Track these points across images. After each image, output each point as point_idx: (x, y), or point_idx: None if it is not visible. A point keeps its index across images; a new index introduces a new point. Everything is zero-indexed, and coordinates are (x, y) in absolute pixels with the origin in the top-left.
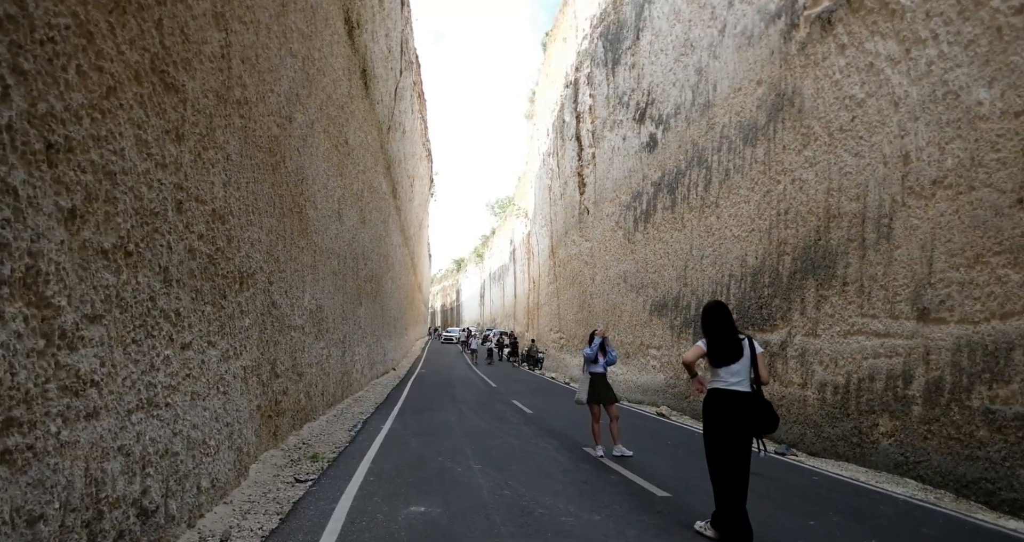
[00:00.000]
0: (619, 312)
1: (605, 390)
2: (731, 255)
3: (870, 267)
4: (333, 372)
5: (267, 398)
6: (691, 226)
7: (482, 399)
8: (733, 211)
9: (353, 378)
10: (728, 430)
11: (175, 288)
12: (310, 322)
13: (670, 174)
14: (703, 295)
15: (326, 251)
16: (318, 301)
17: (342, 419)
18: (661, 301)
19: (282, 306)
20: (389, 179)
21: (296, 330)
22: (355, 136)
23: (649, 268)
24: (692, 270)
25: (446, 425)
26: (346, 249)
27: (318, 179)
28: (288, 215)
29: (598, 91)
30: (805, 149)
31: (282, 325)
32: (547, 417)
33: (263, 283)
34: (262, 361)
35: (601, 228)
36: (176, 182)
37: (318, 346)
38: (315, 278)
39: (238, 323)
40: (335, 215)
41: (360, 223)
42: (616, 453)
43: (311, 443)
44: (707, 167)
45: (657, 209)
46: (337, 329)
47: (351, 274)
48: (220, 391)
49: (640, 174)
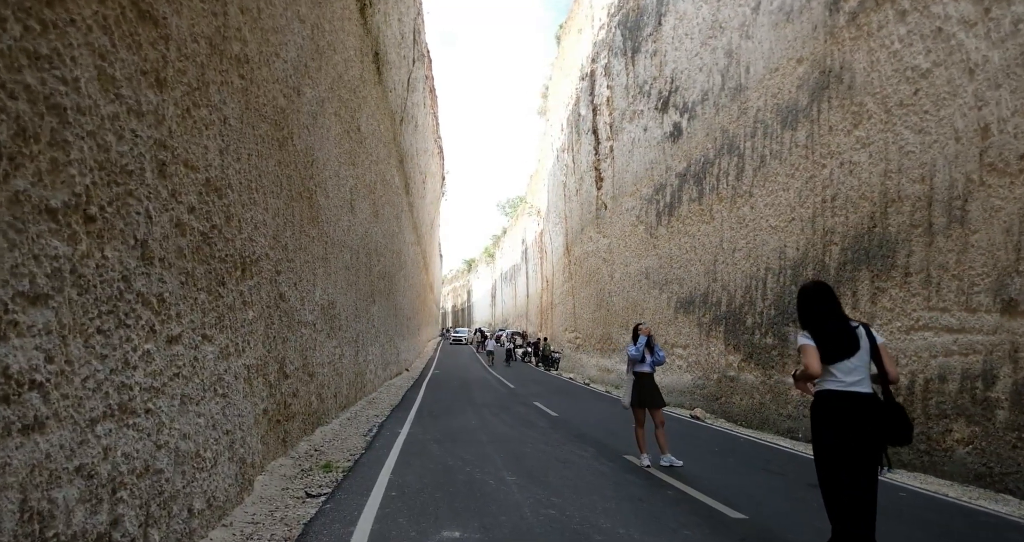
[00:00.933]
0: (640, 310)
1: (652, 393)
2: (767, 247)
3: (939, 255)
4: (346, 373)
5: (275, 401)
6: (721, 218)
7: (502, 401)
8: (770, 200)
9: (367, 379)
10: (849, 442)
11: (157, 268)
12: (322, 319)
13: (697, 164)
14: (735, 291)
15: (338, 243)
16: (330, 296)
17: (356, 423)
18: (687, 298)
19: (291, 299)
20: (402, 173)
21: (307, 327)
22: (368, 124)
23: (674, 263)
24: (722, 264)
25: (468, 429)
26: (359, 243)
27: (329, 164)
28: (297, 200)
29: (616, 82)
30: (856, 129)
31: (291, 321)
32: (575, 420)
33: (269, 272)
34: (269, 360)
35: (620, 223)
36: (158, 138)
37: (330, 345)
38: (327, 272)
39: (240, 315)
40: (347, 206)
41: (373, 217)
42: (664, 463)
43: (324, 450)
44: (739, 154)
45: (682, 201)
46: (350, 327)
47: (364, 270)
48: (218, 393)
49: (663, 165)
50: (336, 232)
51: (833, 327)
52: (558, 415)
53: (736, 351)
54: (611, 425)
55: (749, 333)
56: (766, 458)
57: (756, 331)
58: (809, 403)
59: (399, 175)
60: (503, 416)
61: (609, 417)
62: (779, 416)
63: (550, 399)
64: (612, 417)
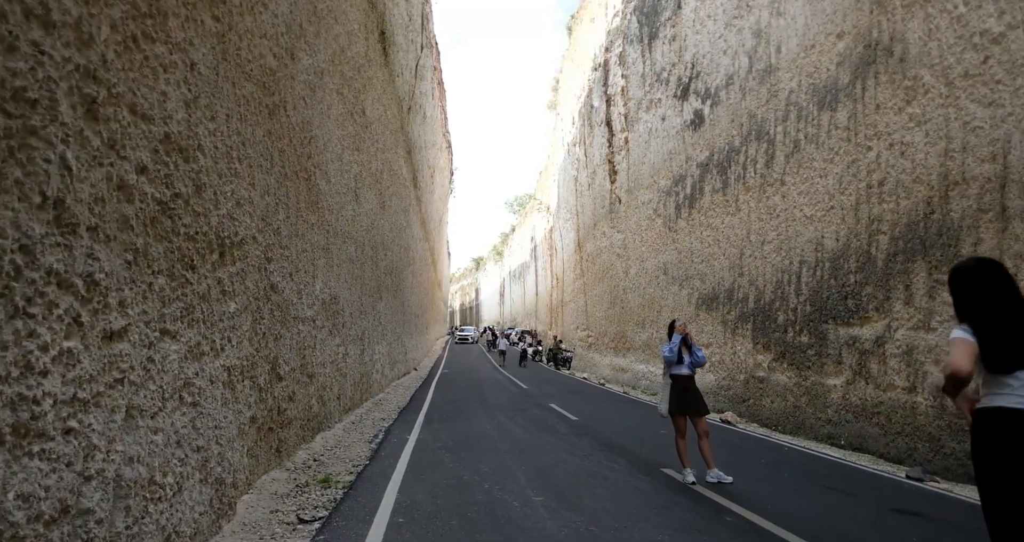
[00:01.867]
0: (658, 307)
1: (693, 398)
2: (801, 238)
3: (1015, 243)
4: (351, 373)
5: (266, 407)
6: (748, 208)
7: (516, 403)
8: (805, 188)
9: (373, 379)
10: None
11: (86, 240)
12: (323, 314)
13: (720, 152)
14: (764, 286)
15: (341, 234)
16: (332, 291)
17: (361, 427)
18: (710, 294)
19: (285, 291)
20: (410, 165)
21: (305, 323)
22: (373, 108)
23: (695, 258)
24: (750, 258)
25: (483, 436)
26: (364, 236)
27: (331, 146)
28: (292, 180)
29: (632, 70)
30: (909, 105)
31: (286, 315)
32: (597, 425)
33: (257, 258)
34: (257, 360)
35: (636, 217)
36: (83, 65)
37: (333, 343)
38: (329, 264)
39: (218, 307)
40: (351, 194)
41: (379, 208)
42: (711, 479)
43: (324, 459)
44: (769, 140)
45: (704, 192)
46: (355, 324)
47: (370, 264)
48: (185, 402)
49: (683, 156)
50: (339, 221)
51: (1012, 324)
52: (578, 419)
53: (766, 350)
54: (637, 430)
55: (781, 331)
56: (823, 472)
57: (789, 329)
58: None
59: (407, 167)
60: (519, 419)
61: (633, 421)
62: (817, 421)
63: (566, 401)
64: (636, 421)
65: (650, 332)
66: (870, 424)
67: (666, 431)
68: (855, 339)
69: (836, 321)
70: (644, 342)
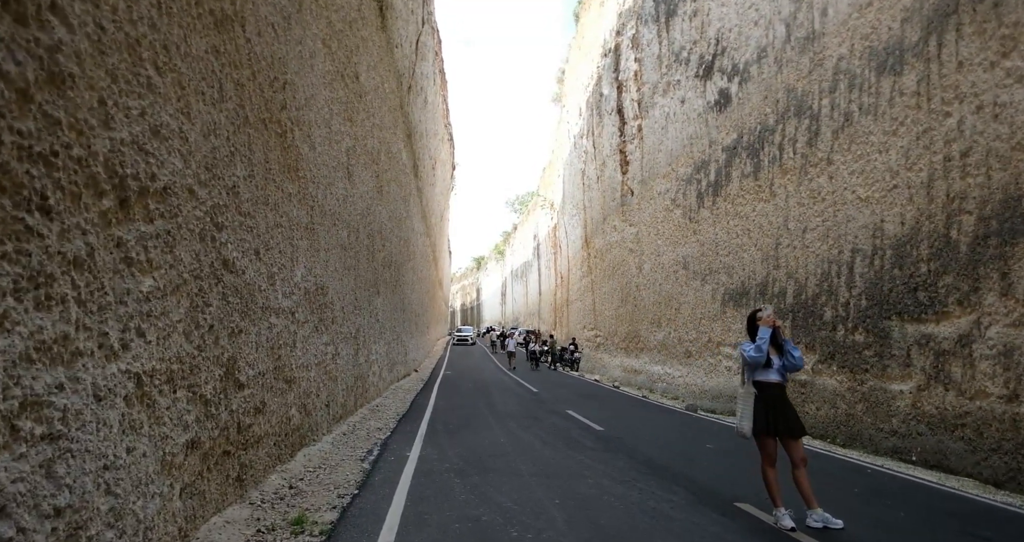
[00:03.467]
0: (676, 304)
1: (786, 414)
2: (854, 224)
3: None
4: (342, 376)
5: (217, 425)
6: (785, 193)
7: (528, 409)
8: (859, 166)
9: (369, 383)
10: None
11: None
12: (306, 306)
13: (751, 133)
14: (806, 279)
15: (331, 214)
16: (319, 279)
17: (353, 440)
18: (739, 289)
19: (248, 272)
20: (410, 151)
21: (281, 316)
22: (369, 77)
23: (720, 250)
24: (788, 248)
25: (498, 452)
26: (359, 221)
27: (316, 105)
28: (259, 128)
29: (646, 53)
30: (1006, 58)
31: (250, 304)
32: (627, 437)
33: (197, 221)
34: (200, 362)
35: (651, 209)
36: None
37: (319, 341)
38: (314, 247)
39: (116, 282)
40: (343, 170)
41: (376, 193)
42: (814, 523)
43: (302, 487)
44: (812, 116)
45: (732, 178)
46: (348, 321)
47: (365, 253)
48: (29, 436)
49: (705, 140)
50: (329, 200)
51: None
52: (603, 430)
53: (809, 351)
54: (678, 444)
55: (828, 329)
56: (942, 507)
57: (839, 326)
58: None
59: (407, 152)
60: (536, 430)
61: (667, 432)
62: (878, 432)
63: (584, 407)
64: (671, 432)
65: (667, 331)
66: (951, 438)
67: (713, 445)
68: (929, 338)
69: (902, 317)
70: (660, 342)
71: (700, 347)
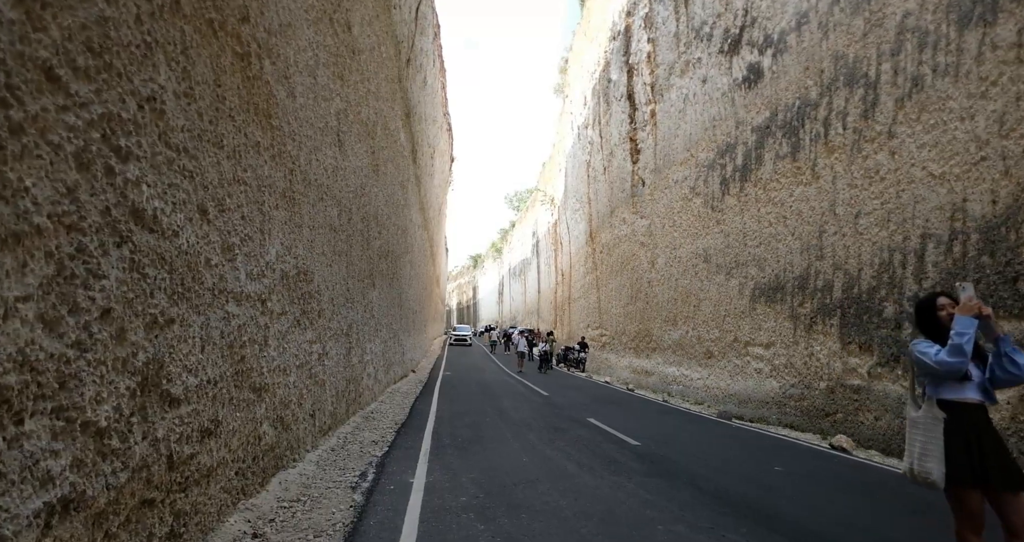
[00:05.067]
0: (695, 301)
1: (996, 452)
2: (925, 205)
3: None
4: (331, 380)
5: (120, 466)
6: (832, 174)
7: (544, 417)
8: (932, 138)
9: (363, 386)
10: None
11: None
12: (284, 294)
13: (788, 110)
14: (858, 270)
15: (318, 186)
16: (301, 262)
17: (343, 459)
18: (772, 283)
19: (183, 235)
20: (408, 133)
21: (244, 303)
22: (363, 33)
23: (748, 241)
24: (835, 236)
25: (524, 477)
26: (352, 200)
27: (296, 43)
28: (200, 29)
29: (661, 32)
30: None
31: (189, 282)
32: (676, 456)
33: (67, 127)
34: (82, 369)
35: (666, 199)
36: None
37: (302, 338)
38: (295, 221)
39: None
40: (333, 135)
41: (372, 172)
42: None
43: (269, 535)
44: (867, 84)
45: (764, 161)
46: (338, 315)
47: (359, 239)
48: None
49: (731, 121)
50: (315, 168)
51: None
52: (640, 444)
53: (864, 352)
54: (736, 464)
55: (890, 327)
56: None
57: (907, 323)
58: None
59: (405, 133)
60: (561, 444)
61: (711, 446)
62: None
63: (606, 414)
64: (714, 445)
65: (684, 330)
66: None
67: (782, 467)
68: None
69: (996, 313)
70: (676, 341)
71: (724, 347)
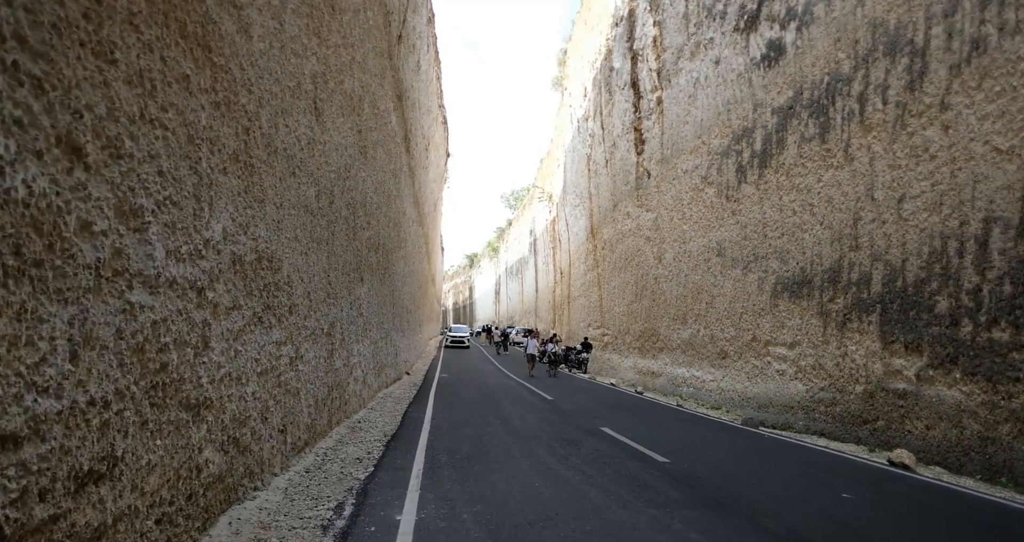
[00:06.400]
0: (708, 297)
1: None
2: (989, 184)
3: None
4: (309, 387)
5: None
6: (869, 155)
7: (552, 425)
8: (995, 108)
9: (349, 392)
10: None
11: None
12: (236, 284)
13: (815, 87)
14: (903, 260)
15: (287, 156)
16: (262, 245)
17: (319, 482)
18: (797, 277)
19: (29, 181)
20: (401, 117)
21: (166, 292)
22: None
23: (769, 231)
24: (873, 223)
25: (539, 512)
26: (335, 181)
27: None
28: None
29: (668, 13)
30: None
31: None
32: (712, 476)
33: None
34: None
35: (674, 190)
36: None
37: (265, 339)
38: (253, 194)
39: None
40: (308, 100)
41: (359, 154)
42: None
43: None
44: (913, 52)
45: (786, 144)
46: (317, 312)
47: (344, 227)
48: None
49: (748, 103)
50: (283, 134)
51: None
52: (668, 461)
53: (912, 352)
54: (791, 489)
55: (944, 324)
56: None
57: (964, 321)
58: None
59: (397, 117)
60: (576, 462)
61: (751, 462)
62: None
63: (620, 421)
64: (754, 461)
65: (695, 329)
66: None
67: (852, 494)
68: None
69: None
70: (686, 341)
71: (741, 347)
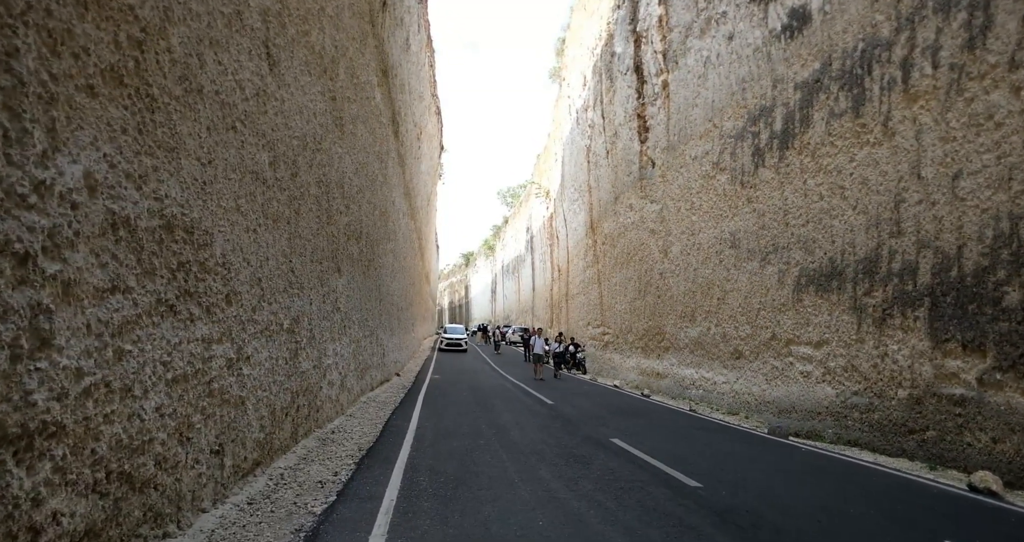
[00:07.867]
0: (720, 293)
1: None
2: None
3: None
4: (261, 395)
5: None
6: (914, 128)
7: (555, 436)
8: None
9: (322, 398)
10: None
11: None
12: (121, 254)
13: (847, 56)
14: (958, 246)
15: (217, 102)
16: (175, 210)
17: (257, 521)
18: (825, 269)
19: None
20: (387, 96)
21: None
22: None
23: (792, 219)
24: (920, 205)
25: None
26: (299, 151)
27: None
28: None
29: None
30: None
31: None
32: (760, 508)
33: None
34: None
35: (682, 179)
36: None
37: (180, 335)
38: (153, 138)
39: None
40: (253, 39)
41: (335, 126)
42: None
43: None
44: (974, 4)
45: (812, 121)
46: (273, 304)
47: (314, 206)
48: None
49: (767, 80)
50: (208, 67)
51: None
52: (701, 485)
53: (972, 352)
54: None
55: (1015, 319)
56: None
57: None
58: None
59: (382, 94)
60: (587, 487)
61: (804, 489)
62: None
63: (631, 431)
64: (803, 485)
65: (705, 326)
66: None
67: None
68: None
69: None
70: (694, 340)
71: (757, 346)
